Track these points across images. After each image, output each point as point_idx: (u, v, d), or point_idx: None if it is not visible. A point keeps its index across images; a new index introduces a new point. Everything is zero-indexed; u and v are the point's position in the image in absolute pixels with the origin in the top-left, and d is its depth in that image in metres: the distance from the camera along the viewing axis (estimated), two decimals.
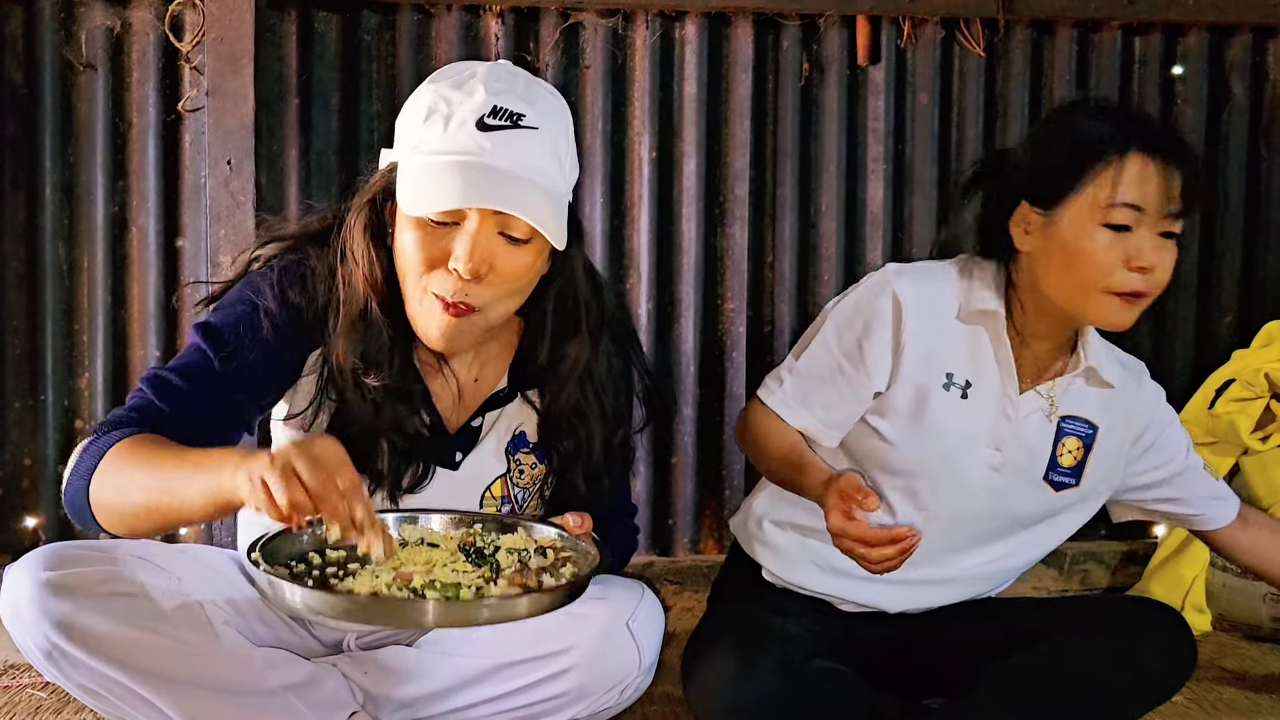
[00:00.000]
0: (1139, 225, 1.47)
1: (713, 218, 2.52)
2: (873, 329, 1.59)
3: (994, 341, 1.61)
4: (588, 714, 1.55)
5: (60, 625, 1.30)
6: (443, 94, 1.38)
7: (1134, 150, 1.48)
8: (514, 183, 1.34)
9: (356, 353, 1.42)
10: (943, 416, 1.60)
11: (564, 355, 1.52)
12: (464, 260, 1.33)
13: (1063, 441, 1.63)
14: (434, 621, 1.19)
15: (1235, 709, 1.87)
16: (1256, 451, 2.27)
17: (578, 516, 1.39)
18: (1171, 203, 1.48)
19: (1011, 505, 1.65)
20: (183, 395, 1.36)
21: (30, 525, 2.37)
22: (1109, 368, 1.65)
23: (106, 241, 2.35)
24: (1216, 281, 2.69)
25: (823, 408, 1.62)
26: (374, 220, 1.44)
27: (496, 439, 1.58)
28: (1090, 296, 1.51)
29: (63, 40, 2.32)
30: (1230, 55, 2.65)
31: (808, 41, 2.52)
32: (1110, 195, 1.47)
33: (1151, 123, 1.56)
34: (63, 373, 2.36)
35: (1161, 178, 1.47)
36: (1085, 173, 1.49)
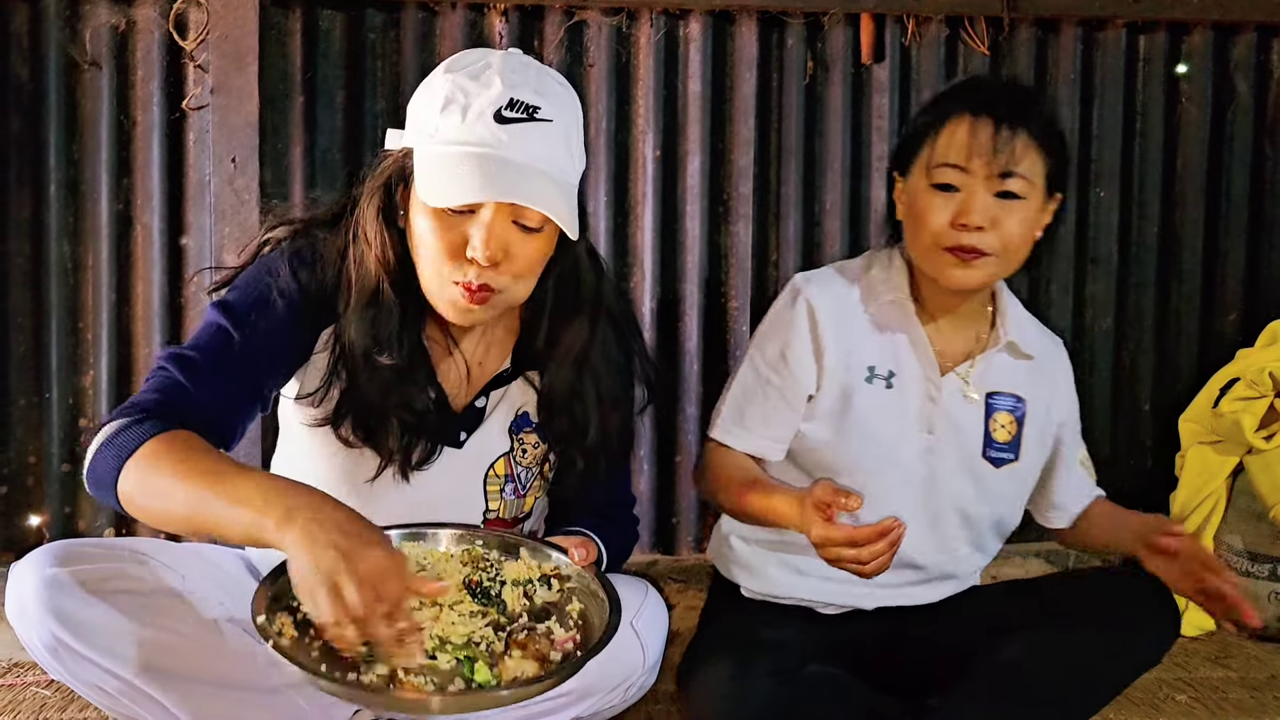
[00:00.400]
0: (966, 185, 1.52)
1: (717, 216, 2.52)
2: (791, 338, 1.63)
3: (907, 329, 1.64)
4: (592, 712, 1.55)
5: (65, 621, 1.30)
6: (460, 84, 1.39)
7: (958, 112, 1.53)
8: (529, 175, 1.37)
9: (369, 332, 1.45)
10: (870, 410, 1.63)
11: (563, 337, 1.55)
12: (481, 249, 1.36)
13: (994, 418, 1.66)
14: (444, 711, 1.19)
15: (1240, 709, 1.87)
16: (1261, 450, 2.27)
17: (580, 547, 1.41)
18: (1002, 161, 1.50)
19: (955, 488, 1.66)
20: (205, 373, 1.38)
21: (35, 523, 2.37)
22: (1029, 339, 1.70)
23: (111, 239, 2.35)
24: (1221, 280, 2.69)
25: (762, 424, 1.66)
26: (387, 202, 1.46)
27: (500, 418, 1.60)
28: (930, 255, 1.56)
29: (68, 38, 2.32)
30: (1235, 54, 2.65)
31: (812, 40, 2.52)
32: (934, 156, 1.54)
33: (987, 86, 1.60)
34: (67, 370, 2.36)
35: (989, 137, 1.50)
36: (923, 137, 1.57)
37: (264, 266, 1.49)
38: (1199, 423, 2.42)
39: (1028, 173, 1.52)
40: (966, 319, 1.67)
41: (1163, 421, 2.65)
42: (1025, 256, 1.60)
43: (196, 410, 1.34)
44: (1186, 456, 2.42)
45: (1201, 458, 2.38)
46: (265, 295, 1.45)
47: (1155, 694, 1.92)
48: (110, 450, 1.28)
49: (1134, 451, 2.70)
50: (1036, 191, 1.54)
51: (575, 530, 1.55)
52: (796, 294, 1.66)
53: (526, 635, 1.27)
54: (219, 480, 1.22)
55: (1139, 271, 2.67)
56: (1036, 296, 2.64)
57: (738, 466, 1.65)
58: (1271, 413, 2.28)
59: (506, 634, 1.29)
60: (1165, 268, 2.68)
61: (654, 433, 2.51)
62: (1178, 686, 1.96)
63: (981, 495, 1.67)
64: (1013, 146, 1.50)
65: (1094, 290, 2.65)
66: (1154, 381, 2.69)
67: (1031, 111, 1.54)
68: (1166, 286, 2.69)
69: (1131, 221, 2.66)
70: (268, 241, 1.54)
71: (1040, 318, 2.60)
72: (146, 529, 2.39)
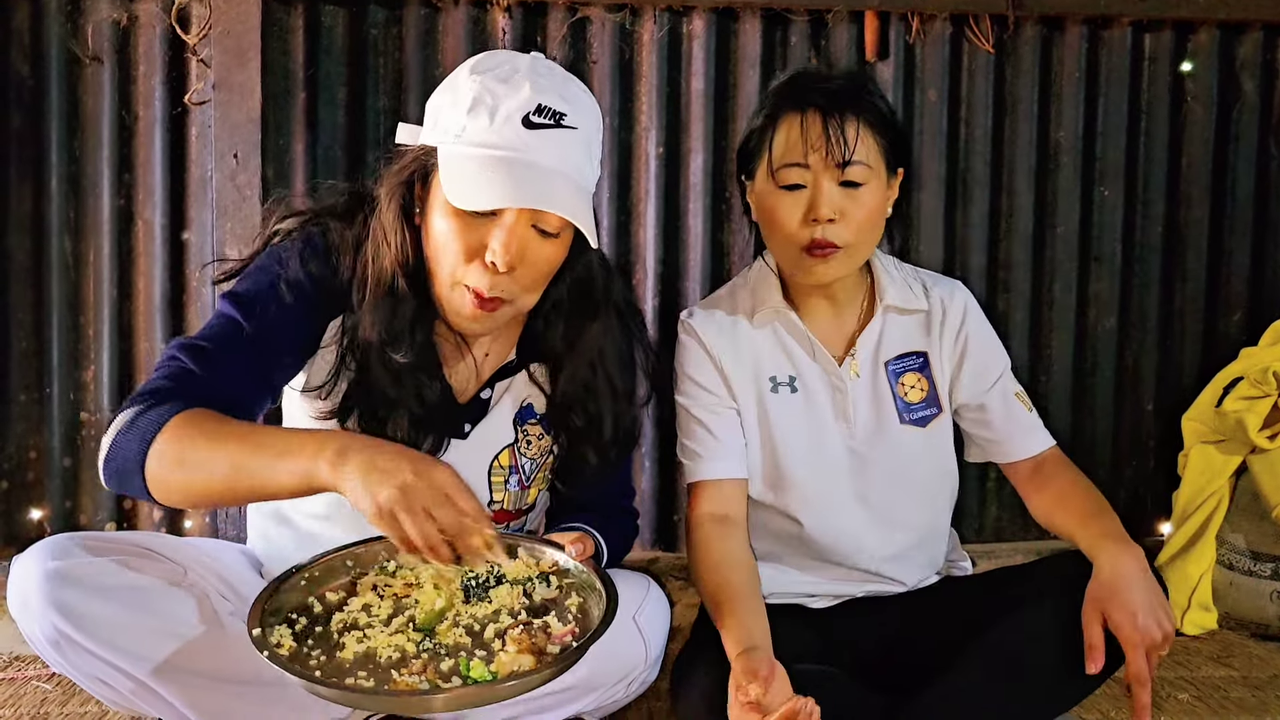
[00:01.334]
0: (811, 181, 1.55)
1: (719, 213, 2.52)
2: (694, 367, 1.70)
3: (792, 331, 1.70)
4: (595, 707, 1.55)
5: (67, 614, 1.30)
6: (488, 86, 1.39)
7: (786, 112, 1.57)
8: (555, 180, 1.38)
9: (383, 328, 1.46)
10: (784, 416, 1.68)
11: (580, 337, 1.56)
12: (501, 254, 1.37)
13: (900, 381, 1.70)
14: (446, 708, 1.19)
15: (1243, 708, 1.86)
16: (1264, 449, 2.26)
17: (578, 543, 1.40)
18: (838, 152, 1.52)
19: (890, 464, 1.68)
20: (217, 362, 1.38)
21: (36, 518, 2.37)
22: (911, 296, 1.71)
23: (112, 235, 2.35)
24: (1225, 279, 2.68)
25: (715, 444, 1.67)
26: (407, 199, 1.47)
27: (505, 410, 1.61)
28: (789, 255, 1.60)
29: (69, 33, 2.32)
30: (1241, 53, 2.64)
31: (816, 37, 2.52)
32: (774, 158, 1.57)
33: (808, 80, 1.59)
34: (68, 366, 2.36)
35: (818, 132, 1.53)
36: (760, 141, 1.60)
37: (273, 256, 1.49)
38: (1202, 422, 2.42)
39: (866, 158, 1.55)
40: (845, 303, 1.71)
41: (1166, 420, 2.65)
42: (878, 238, 1.64)
43: (211, 395, 1.33)
44: (1189, 455, 2.41)
45: (1204, 457, 2.37)
46: (274, 285, 1.45)
47: (1158, 693, 1.92)
48: (132, 434, 1.27)
49: (1137, 450, 2.70)
50: (878, 174, 1.58)
51: (573, 526, 1.55)
52: (684, 329, 1.73)
53: (523, 631, 1.27)
54: (259, 439, 1.24)
55: (1143, 270, 2.66)
56: (1040, 295, 2.63)
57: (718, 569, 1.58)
58: (1275, 412, 2.27)
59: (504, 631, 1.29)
60: (1169, 267, 2.67)
61: (655, 431, 2.51)
62: (1180, 685, 1.96)
63: (915, 457, 1.70)
64: (845, 135, 1.53)
65: (1097, 289, 2.65)
66: (1157, 380, 2.69)
67: (858, 97, 1.56)
68: (1170, 285, 2.68)
69: (1136, 220, 2.66)
70: (277, 233, 1.54)
71: (1043, 317, 2.62)
72: (149, 523, 2.39)
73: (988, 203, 2.59)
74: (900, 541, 1.71)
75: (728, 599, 1.52)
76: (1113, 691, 1.90)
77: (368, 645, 1.26)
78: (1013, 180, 2.60)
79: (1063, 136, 2.60)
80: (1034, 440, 1.74)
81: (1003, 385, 1.75)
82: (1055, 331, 2.64)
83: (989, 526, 2.67)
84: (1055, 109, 2.60)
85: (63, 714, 1.75)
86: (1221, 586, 2.32)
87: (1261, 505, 2.24)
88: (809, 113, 1.55)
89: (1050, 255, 2.63)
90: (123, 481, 1.28)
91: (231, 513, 2.35)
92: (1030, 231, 2.61)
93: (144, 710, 1.42)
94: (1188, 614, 2.28)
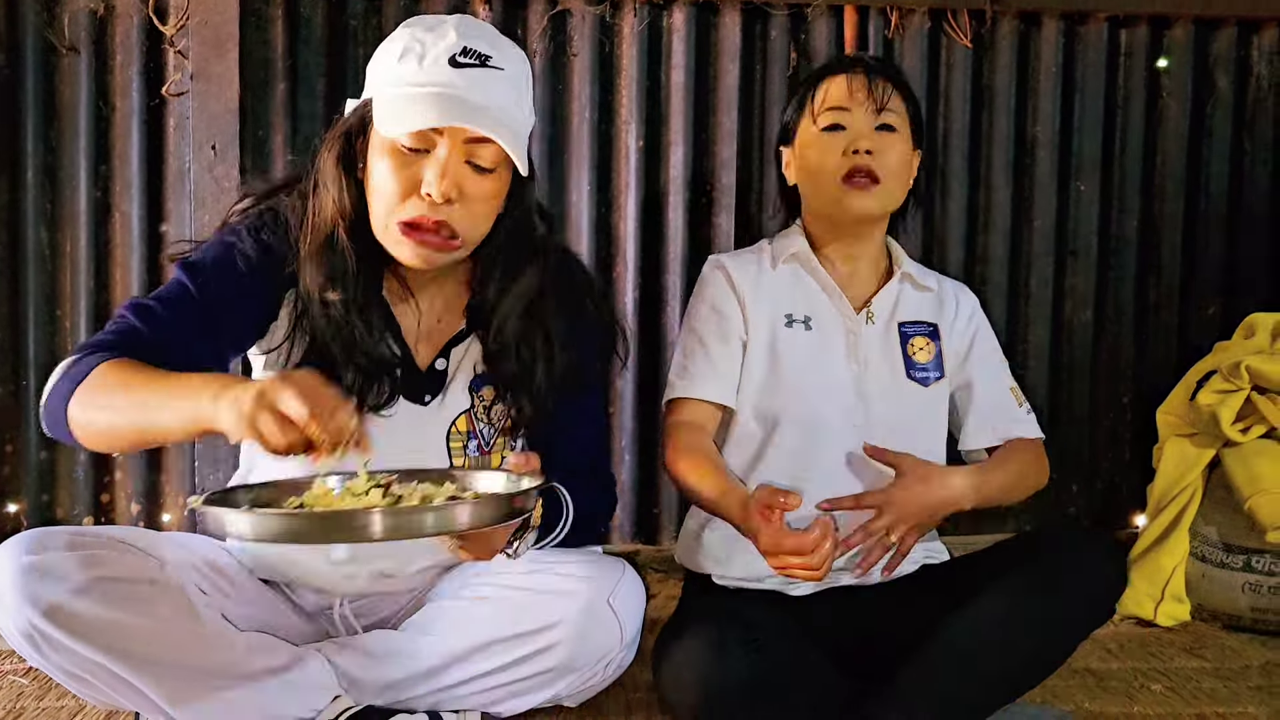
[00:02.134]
0: (850, 121, 1.74)
1: (700, 207, 2.52)
2: (717, 295, 1.81)
3: (814, 275, 1.82)
4: (571, 691, 1.56)
5: (42, 609, 1.29)
6: (417, 36, 1.47)
7: (831, 74, 1.78)
8: (483, 113, 1.43)
9: (322, 272, 1.49)
10: (796, 350, 1.77)
11: (513, 285, 1.59)
12: (435, 184, 1.42)
13: (910, 342, 1.81)
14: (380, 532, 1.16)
15: (1215, 699, 1.88)
16: (1237, 443, 2.28)
17: (521, 456, 1.39)
18: (877, 98, 1.73)
19: (890, 413, 1.76)
20: (162, 321, 1.43)
21: (12, 511, 2.36)
22: (925, 276, 1.88)
23: (89, 226, 2.34)
24: (1199, 273, 2.71)
25: (708, 367, 1.77)
26: (346, 151, 1.51)
27: (462, 377, 1.63)
28: (830, 190, 1.74)
29: (45, 22, 2.30)
30: (1215, 48, 2.67)
31: (795, 31, 2.52)
32: (817, 107, 1.76)
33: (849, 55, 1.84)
34: (45, 358, 2.34)
35: (861, 84, 1.74)
36: (803, 105, 1.80)
37: (229, 230, 1.55)
38: (1176, 415, 2.44)
39: (898, 110, 1.75)
40: (866, 264, 1.84)
41: (1141, 414, 2.67)
42: (906, 189, 1.81)
43: (150, 349, 1.37)
44: (1164, 448, 2.43)
45: (1179, 450, 2.39)
46: (227, 254, 1.50)
47: (1130, 683, 1.94)
48: (64, 381, 1.32)
49: (1112, 443, 2.72)
50: (906, 132, 1.77)
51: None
52: (711, 266, 1.86)
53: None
54: (167, 382, 1.27)
55: (1118, 264, 2.68)
56: (1017, 288, 2.65)
57: (699, 452, 1.71)
58: (1248, 405, 2.29)
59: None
60: (1145, 261, 2.70)
61: (635, 423, 2.51)
62: (1152, 676, 1.98)
63: (916, 414, 1.79)
64: (882, 89, 1.74)
65: (1073, 283, 2.67)
66: (1132, 374, 2.71)
67: (893, 71, 1.81)
68: (1146, 279, 2.70)
69: (1111, 215, 2.67)
70: (233, 214, 1.59)
71: (1020, 310, 2.65)
72: (127, 517, 2.38)
73: (965, 197, 2.61)
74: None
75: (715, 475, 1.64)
76: (1086, 682, 1.92)
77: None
78: (990, 174, 2.62)
79: (1040, 131, 2.62)
80: (1019, 429, 1.84)
81: (1001, 376, 1.87)
82: (1032, 325, 2.66)
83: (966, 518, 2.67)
84: (1032, 104, 2.62)
85: (39, 708, 1.74)
86: (1194, 578, 2.34)
87: (1234, 498, 2.26)
88: (853, 70, 1.76)
89: (1027, 249, 2.65)
90: (53, 425, 1.35)
91: None
92: (1008, 225, 2.63)
93: (121, 704, 1.42)
94: (1161, 605, 2.30)
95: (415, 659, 1.54)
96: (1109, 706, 1.83)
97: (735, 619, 1.58)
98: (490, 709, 1.57)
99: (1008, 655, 1.51)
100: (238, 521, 1.17)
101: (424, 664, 1.54)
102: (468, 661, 1.53)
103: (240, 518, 1.17)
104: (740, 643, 1.50)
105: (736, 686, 1.45)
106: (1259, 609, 2.26)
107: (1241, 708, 1.84)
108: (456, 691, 1.55)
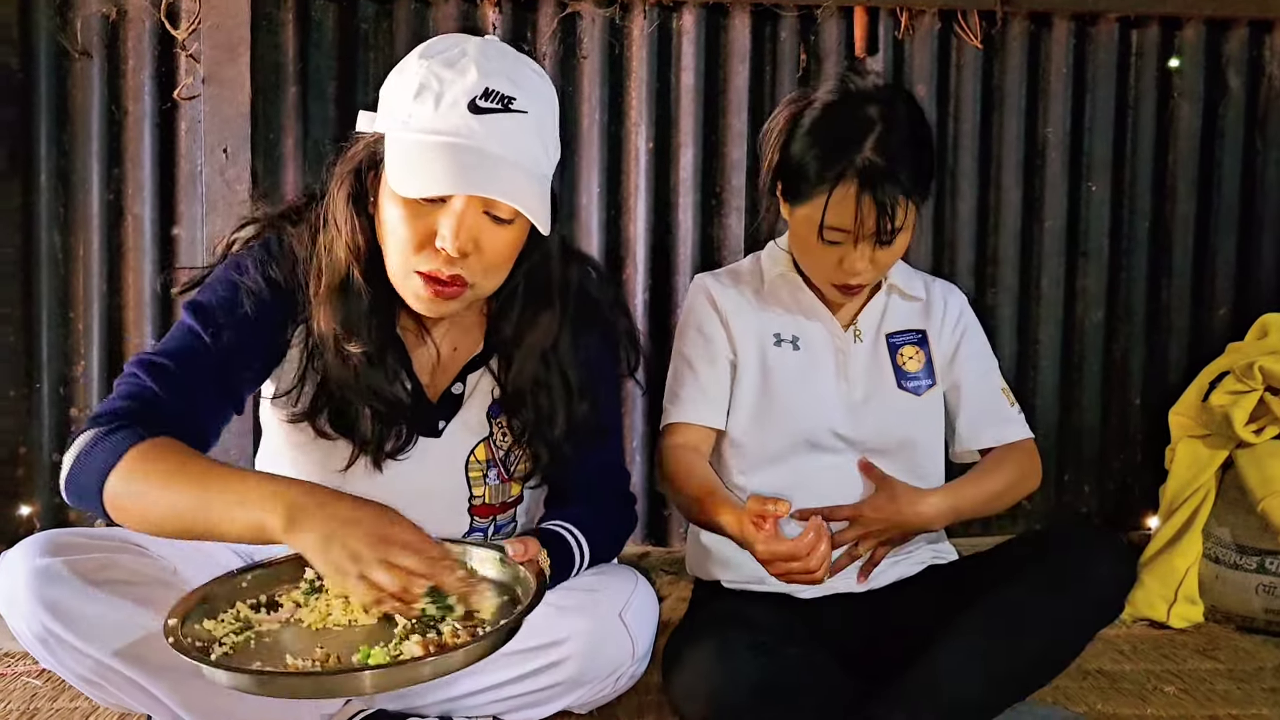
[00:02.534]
0: (849, 240, 1.63)
1: (709, 208, 2.52)
2: (701, 318, 1.81)
3: (799, 296, 1.80)
4: (582, 703, 1.56)
5: (55, 612, 1.29)
6: (434, 71, 1.37)
7: (842, 182, 1.59)
8: (502, 167, 1.35)
9: (338, 319, 1.44)
10: (785, 369, 1.76)
11: (531, 328, 1.54)
12: (450, 240, 1.35)
13: (900, 352, 1.80)
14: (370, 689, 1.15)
15: (1228, 700, 1.88)
16: (1250, 444, 2.28)
17: (520, 543, 1.38)
18: (881, 223, 1.58)
19: (883, 426, 1.75)
20: (176, 378, 1.37)
21: (25, 513, 2.37)
22: (912, 284, 1.84)
23: (102, 229, 2.35)
24: (1211, 275, 2.70)
25: (698, 392, 1.77)
26: (357, 188, 1.45)
27: (478, 403, 1.59)
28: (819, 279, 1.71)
29: (58, 27, 2.31)
30: (1227, 49, 2.66)
31: (805, 32, 2.52)
32: (820, 219, 1.61)
33: (863, 149, 1.59)
34: (58, 361, 2.36)
35: (869, 204, 1.57)
36: (810, 191, 1.63)
37: (233, 264, 1.48)
38: (1189, 416, 2.43)
39: (904, 223, 1.62)
40: None
41: (1153, 415, 2.67)
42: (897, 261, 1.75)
43: (170, 416, 1.33)
44: (1176, 450, 2.43)
45: (1191, 451, 2.39)
46: (235, 295, 1.44)
47: (1144, 685, 1.93)
48: (91, 460, 1.28)
49: (1124, 444, 2.71)
50: (910, 221, 1.64)
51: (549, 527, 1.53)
52: (697, 287, 1.85)
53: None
54: (213, 484, 1.24)
55: (1130, 265, 2.68)
56: (1027, 289, 2.65)
57: (693, 471, 1.70)
58: (1261, 406, 2.29)
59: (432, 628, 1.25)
60: (1156, 262, 2.69)
61: (645, 425, 2.51)
62: (1165, 678, 1.97)
63: (910, 424, 1.78)
64: (894, 215, 1.58)
65: (1085, 284, 2.66)
66: (1144, 375, 2.70)
67: (911, 167, 1.60)
68: (1157, 280, 2.69)
69: (1123, 216, 2.67)
70: (235, 241, 1.53)
71: (1031, 311, 2.64)
72: None
73: (976, 198, 2.60)
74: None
75: (709, 491, 1.63)
76: (1098, 684, 1.92)
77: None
78: (1001, 175, 2.61)
79: (1050, 132, 2.61)
80: (1009, 430, 1.82)
81: (990, 376, 1.84)
82: (1043, 326, 2.66)
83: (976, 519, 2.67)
84: (1043, 105, 2.61)
85: (53, 709, 1.75)
86: (1208, 580, 2.33)
87: (1247, 499, 2.25)
88: (863, 186, 1.57)
89: (1038, 250, 2.64)
90: (83, 504, 1.31)
91: None
92: (1018, 227, 2.63)
93: (133, 708, 1.42)
94: (1174, 607, 2.30)
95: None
96: (1122, 708, 1.83)
97: (742, 623, 1.59)
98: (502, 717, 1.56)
99: (1015, 655, 1.51)
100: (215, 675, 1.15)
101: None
102: (478, 674, 1.49)
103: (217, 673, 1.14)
104: (748, 646, 1.50)
105: (745, 690, 1.45)
106: (1273, 610, 2.25)
107: (1255, 710, 1.84)
108: (467, 701, 1.54)
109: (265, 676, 1.15)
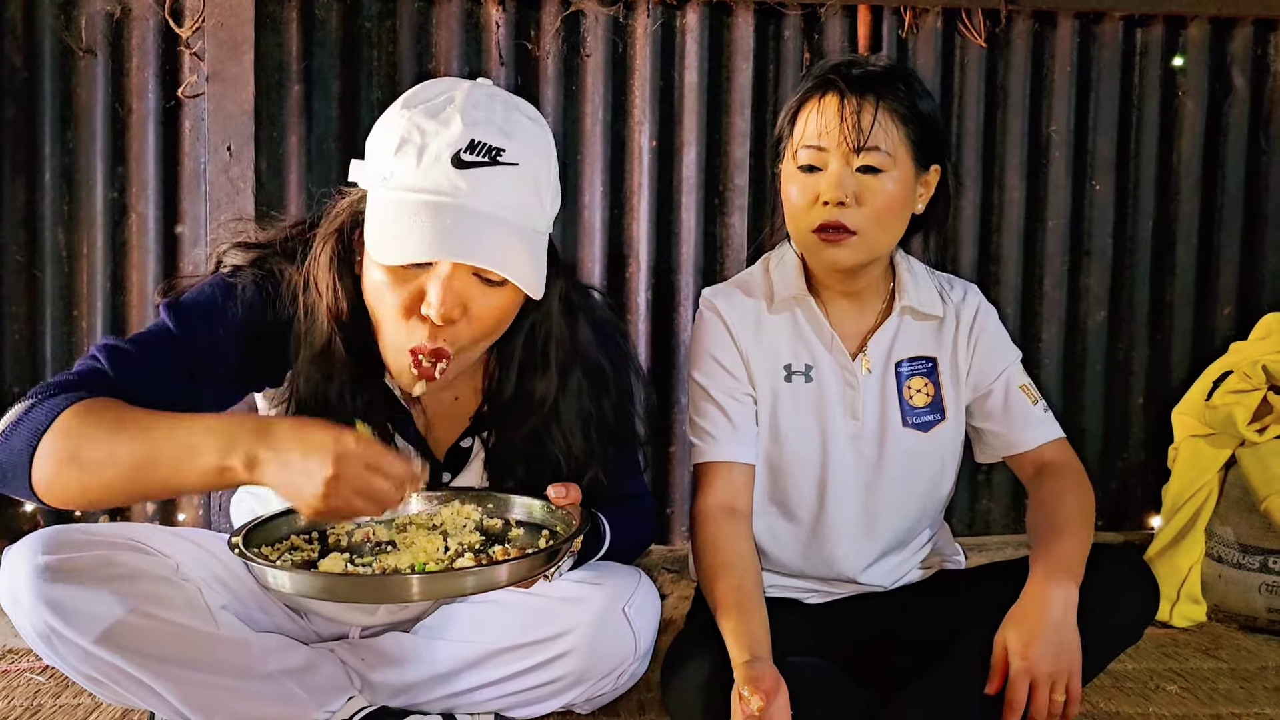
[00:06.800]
0: (827, 163, 1.53)
1: (712, 207, 2.52)
2: (716, 347, 1.68)
3: (811, 321, 1.68)
4: (584, 699, 1.56)
5: (58, 609, 1.30)
6: (416, 122, 1.29)
7: (812, 95, 1.55)
8: (490, 227, 1.27)
9: (318, 392, 1.39)
10: (796, 406, 1.67)
11: (529, 391, 1.47)
12: (437, 308, 1.27)
13: (907, 385, 1.69)
14: (418, 595, 1.20)
15: (1231, 699, 1.87)
16: (1253, 443, 2.27)
17: (562, 487, 1.36)
18: (858, 135, 1.50)
19: (889, 463, 1.68)
20: (134, 364, 1.30)
21: (28, 510, 2.38)
22: (929, 300, 1.70)
23: (106, 227, 2.35)
24: (1215, 274, 2.69)
25: (729, 428, 1.66)
26: (340, 250, 1.38)
27: (482, 459, 1.56)
28: (802, 238, 1.59)
29: (62, 25, 2.32)
30: (1232, 47, 2.65)
31: (809, 31, 2.52)
32: (795, 140, 1.55)
33: (837, 65, 1.56)
34: (62, 359, 2.36)
35: (836, 111, 1.51)
36: (787, 126, 1.59)
37: (220, 287, 1.40)
38: (1192, 415, 2.43)
39: (885, 144, 1.52)
40: (867, 298, 1.69)
41: (1156, 414, 2.66)
42: (901, 231, 1.61)
43: (119, 391, 1.26)
44: (1180, 449, 2.42)
45: (1194, 450, 2.38)
46: (216, 318, 1.37)
47: (1146, 684, 1.93)
48: (20, 429, 1.19)
49: (1127, 444, 2.71)
50: (901, 164, 1.54)
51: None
52: (707, 308, 1.71)
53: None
54: (162, 430, 1.17)
55: (1134, 264, 2.67)
56: (1031, 288, 2.64)
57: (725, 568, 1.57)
58: (1264, 406, 2.28)
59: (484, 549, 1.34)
60: (1160, 261, 2.68)
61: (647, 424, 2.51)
62: (1168, 677, 1.97)
63: (915, 461, 1.69)
64: (861, 120, 1.50)
65: (1088, 283, 2.66)
66: (1147, 374, 2.70)
67: (883, 83, 1.53)
68: (1161, 280, 2.69)
69: (1127, 214, 2.66)
70: (221, 262, 1.47)
71: (1034, 311, 2.64)
72: (141, 515, 2.39)
73: (979, 196, 2.60)
74: (877, 549, 1.72)
75: (735, 603, 1.50)
76: (1101, 683, 1.92)
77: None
78: (1004, 174, 2.61)
79: (1054, 131, 2.61)
80: (1035, 433, 1.71)
81: (1007, 376, 1.72)
82: (1046, 325, 2.65)
83: (979, 519, 2.69)
84: (1047, 103, 2.61)
85: (56, 706, 1.75)
86: (1210, 579, 2.33)
87: (1250, 499, 2.25)
88: (828, 95, 1.53)
89: (1041, 249, 2.64)
90: (12, 484, 1.20)
91: (225, 504, 2.35)
92: (1021, 225, 2.62)
93: (136, 704, 1.42)
94: (1176, 606, 2.30)
95: (428, 663, 1.54)
96: (1125, 707, 1.82)
97: None
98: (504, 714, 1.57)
99: None
100: (279, 577, 1.19)
101: (436, 668, 1.53)
102: (479, 668, 1.52)
103: (282, 575, 1.18)
104: None
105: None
106: (1276, 610, 2.25)
107: (1258, 709, 1.83)
108: (470, 697, 1.54)
109: (323, 576, 1.19)
